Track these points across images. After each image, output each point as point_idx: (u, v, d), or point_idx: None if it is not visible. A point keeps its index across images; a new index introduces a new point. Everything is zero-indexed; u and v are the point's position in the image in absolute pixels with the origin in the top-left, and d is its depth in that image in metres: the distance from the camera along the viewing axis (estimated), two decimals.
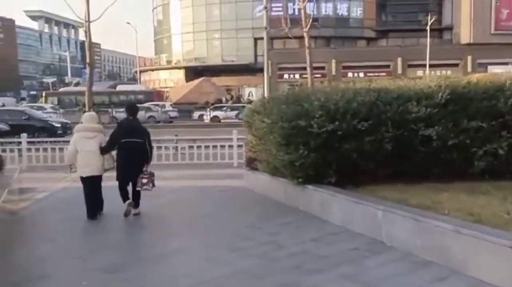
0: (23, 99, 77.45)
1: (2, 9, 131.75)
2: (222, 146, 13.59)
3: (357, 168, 6.83)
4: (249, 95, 55.86)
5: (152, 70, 64.11)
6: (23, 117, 22.04)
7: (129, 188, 7.43)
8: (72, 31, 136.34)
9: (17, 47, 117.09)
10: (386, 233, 5.49)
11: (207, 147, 13.73)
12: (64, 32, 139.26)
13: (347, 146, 6.69)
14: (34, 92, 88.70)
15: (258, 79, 56.04)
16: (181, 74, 59.65)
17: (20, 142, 13.48)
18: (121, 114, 33.26)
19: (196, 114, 39.39)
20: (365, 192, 6.44)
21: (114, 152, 7.47)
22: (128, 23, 59.36)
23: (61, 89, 49.45)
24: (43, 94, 47.29)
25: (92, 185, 7.20)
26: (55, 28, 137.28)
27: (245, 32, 56.43)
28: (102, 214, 7.39)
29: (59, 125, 23.01)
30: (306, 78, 55.87)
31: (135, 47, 59.55)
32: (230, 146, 13.58)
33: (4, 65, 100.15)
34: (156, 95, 43.09)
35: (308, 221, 6.69)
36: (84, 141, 7.17)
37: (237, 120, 35.25)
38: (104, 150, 7.24)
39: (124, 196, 7.29)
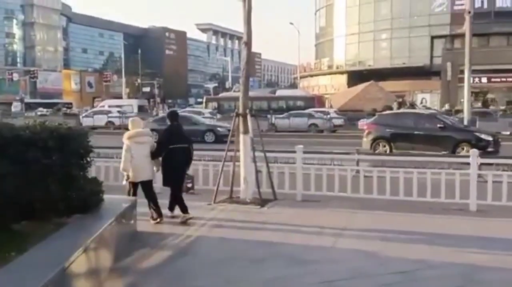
0: (191, 105, 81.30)
1: (176, 23, 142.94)
2: (446, 173, 8.30)
3: None
4: (421, 102, 48.64)
5: (312, 75, 60.92)
6: (438, 125, 15.37)
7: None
8: (236, 41, 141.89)
9: (187, 58, 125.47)
10: None
11: (421, 172, 8.41)
12: (229, 43, 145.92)
13: None
14: (200, 100, 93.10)
15: (433, 83, 48.55)
16: (343, 79, 55.09)
17: None
18: (280, 120, 30.04)
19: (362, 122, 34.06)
20: None
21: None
22: (291, 23, 57.09)
23: (221, 95, 48.75)
24: (204, 99, 46.98)
25: (145, 189, 7.05)
26: (221, 40, 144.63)
27: (420, 31, 49.80)
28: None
29: (490, 139, 15.02)
30: (495, 82, 46.77)
31: (293, 56, 57.24)
32: (461, 173, 8.26)
33: (175, 74, 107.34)
34: (317, 101, 39.04)
35: None
36: (138, 147, 6.97)
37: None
38: (154, 155, 7.11)
39: (183, 206, 7.18)
